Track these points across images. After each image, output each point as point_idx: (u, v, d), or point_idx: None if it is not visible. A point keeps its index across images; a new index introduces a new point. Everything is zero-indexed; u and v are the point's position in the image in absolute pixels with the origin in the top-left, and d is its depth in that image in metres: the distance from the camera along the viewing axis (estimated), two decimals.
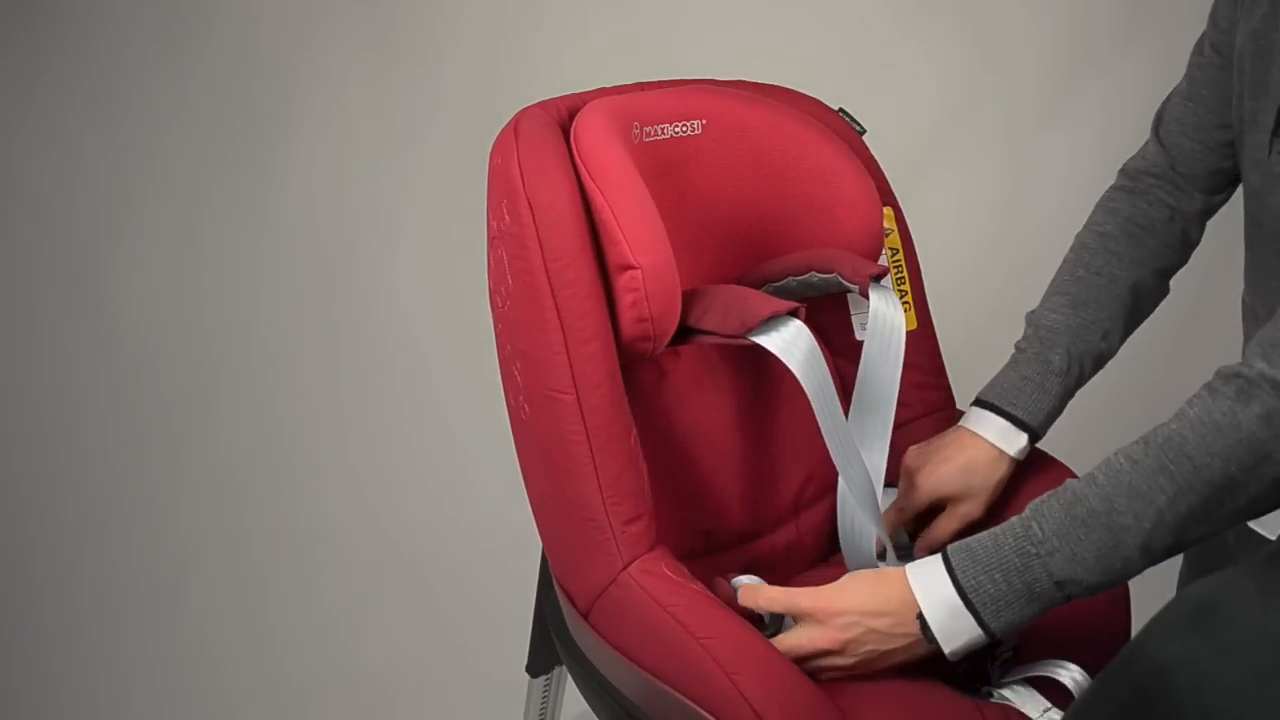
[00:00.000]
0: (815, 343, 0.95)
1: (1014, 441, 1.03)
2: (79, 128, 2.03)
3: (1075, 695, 0.95)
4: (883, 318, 0.99)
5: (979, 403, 1.07)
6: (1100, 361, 1.07)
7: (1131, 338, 1.67)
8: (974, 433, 1.05)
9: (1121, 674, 0.65)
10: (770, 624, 0.95)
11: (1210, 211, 1.08)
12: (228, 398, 2.08)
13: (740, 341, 0.96)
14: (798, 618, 0.91)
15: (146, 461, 2.03)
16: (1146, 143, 1.11)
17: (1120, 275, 1.06)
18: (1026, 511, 0.83)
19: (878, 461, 1.00)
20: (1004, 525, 0.83)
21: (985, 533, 0.84)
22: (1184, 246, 1.08)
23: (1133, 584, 1.09)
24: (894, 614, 0.85)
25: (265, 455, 2.05)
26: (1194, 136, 1.05)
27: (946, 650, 0.85)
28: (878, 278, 0.99)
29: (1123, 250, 1.06)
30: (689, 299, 1.00)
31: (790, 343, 0.94)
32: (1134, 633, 0.99)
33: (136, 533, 1.96)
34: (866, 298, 0.99)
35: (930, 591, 0.84)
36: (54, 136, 2.03)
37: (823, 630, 0.88)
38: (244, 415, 2.07)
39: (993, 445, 1.04)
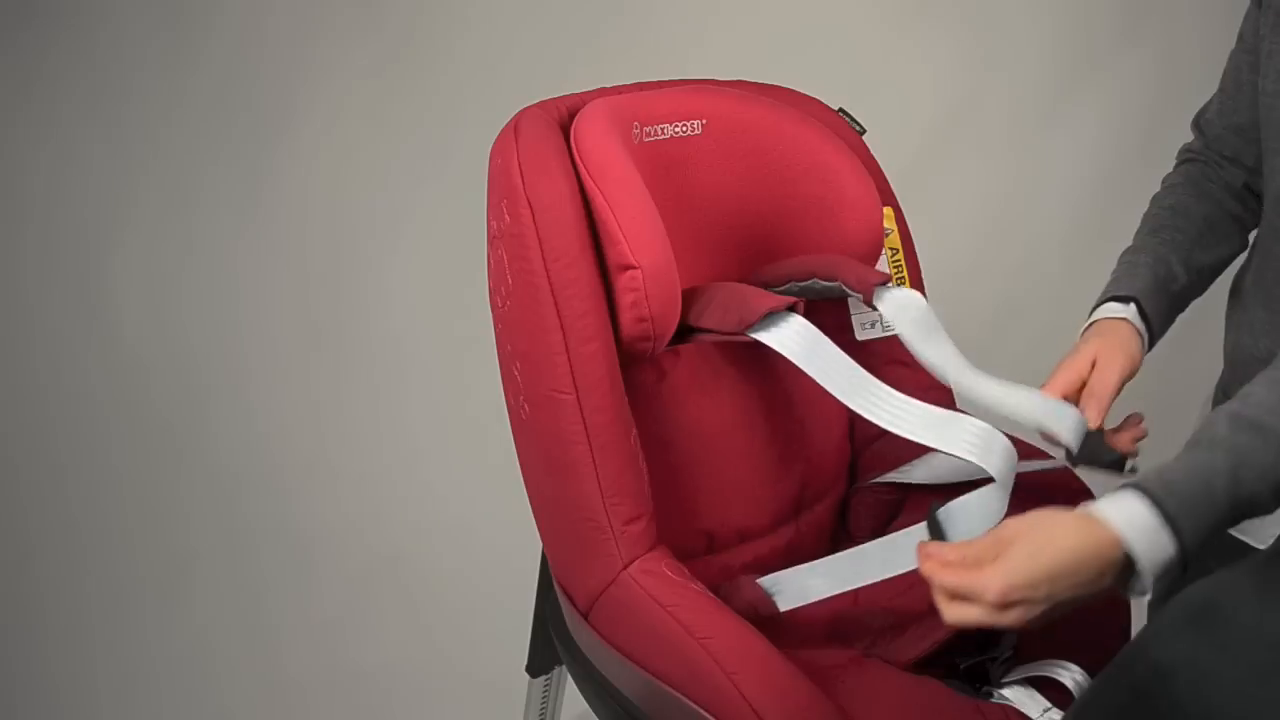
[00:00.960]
0: (817, 331, 0.94)
1: (1121, 310, 1.03)
2: (77, 127, 2.03)
3: (1075, 695, 0.95)
4: (903, 306, 0.99)
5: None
6: (1192, 269, 1.06)
7: None
8: (1102, 319, 1.04)
9: (1121, 674, 0.65)
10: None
11: (1253, 187, 1.10)
12: (227, 398, 2.08)
13: (740, 338, 0.96)
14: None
15: (147, 462, 2.03)
16: (1192, 130, 1.15)
17: (1191, 207, 1.09)
18: (1230, 456, 0.76)
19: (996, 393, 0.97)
20: (1203, 465, 0.76)
21: (1185, 470, 0.76)
22: (1242, 205, 1.10)
23: None
24: (1096, 576, 0.75)
25: (265, 455, 2.05)
26: (1219, 122, 1.09)
27: (1147, 587, 0.76)
28: (882, 284, 1.00)
29: (1188, 192, 1.10)
30: (688, 297, 1.00)
31: (790, 337, 0.94)
32: (1134, 633, 1.00)
33: (137, 534, 1.96)
34: (873, 307, 0.99)
35: (1145, 542, 0.74)
36: (52, 136, 2.04)
37: (1014, 610, 0.76)
38: (244, 416, 2.07)
39: (1118, 319, 1.03)
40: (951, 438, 0.90)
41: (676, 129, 1.04)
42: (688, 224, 1.07)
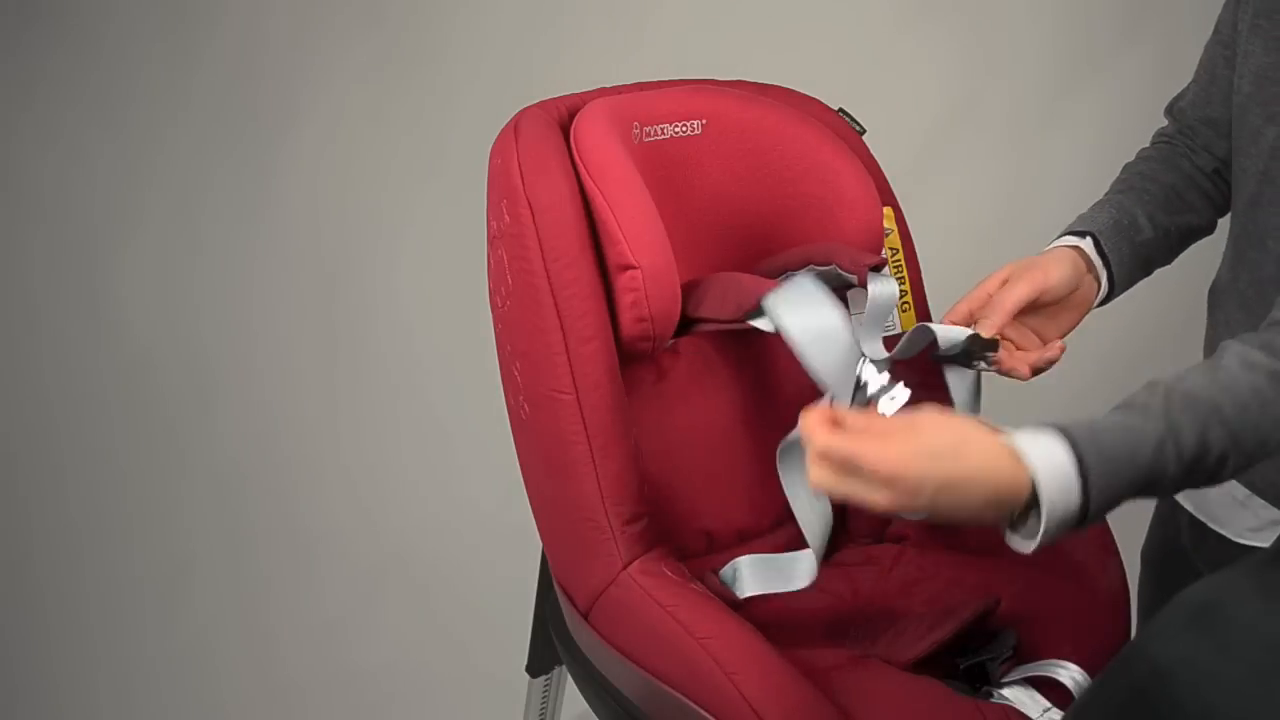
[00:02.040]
0: (817, 287, 0.93)
1: (1075, 242, 1.04)
2: (80, 128, 2.04)
3: (1075, 695, 0.95)
4: (878, 297, 0.99)
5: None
6: (1158, 226, 1.06)
7: (1134, 331, 1.66)
8: (1055, 246, 1.05)
9: (1121, 674, 0.65)
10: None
11: (1224, 174, 1.11)
12: (229, 399, 2.08)
13: (738, 325, 0.95)
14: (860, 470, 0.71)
15: (148, 461, 2.03)
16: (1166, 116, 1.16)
17: (1160, 175, 1.10)
18: (1161, 423, 0.73)
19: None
20: (1136, 433, 0.73)
21: (1118, 431, 0.73)
22: (1212, 184, 1.11)
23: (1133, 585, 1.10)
24: (985, 504, 0.72)
25: (266, 456, 2.05)
26: (1192, 113, 1.10)
27: (1039, 538, 0.72)
28: (876, 268, 0.99)
29: (1160, 163, 1.11)
30: (685, 290, 1.00)
31: (791, 301, 0.93)
32: (1134, 633, 1.00)
33: (138, 533, 1.96)
34: (865, 287, 0.99)
35: (1056, 503, 0.71)
36: (55, 137, 2.04)
37: (889, 494, 0.71)
38: (245, 416, 2.08)
39: (1055, 246, 1.05)
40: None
41: (676, 129, 1.04)
42: (688, 224, 1.07)
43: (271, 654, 1.80)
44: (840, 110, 1.17)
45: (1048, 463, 0.71)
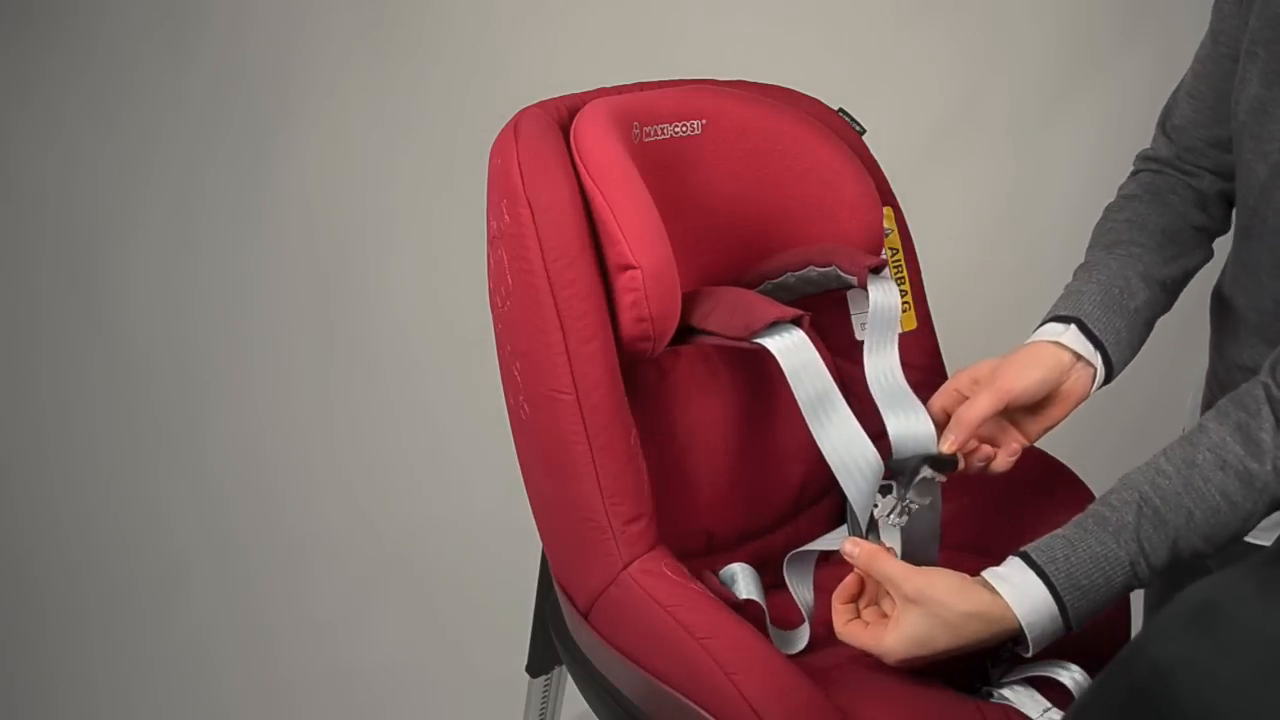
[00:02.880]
0: (815, 352, 0.95)
1: (1058, 332, 0.98)
2: (76, 127, 2.04)
3: (1075, 695, 0.95)
4: (880, 306, 0.98)
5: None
6: (1153, 282, 1.02)
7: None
8: (1034, 341, 1.01)
9: (1121, 674, 0.65)
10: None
11: (1231, 196, 1.06)
12: (224, 400, 2.08)
13: (743, 345, 0.96)
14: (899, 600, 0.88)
15: (143, 463, 2.03)
16: (1155, 135, 1.11)
17: (1150, 220, 1.05)
18: (1133, 545, 0.83)
19: (922, 428, 0.97)
20: (1109, 558, 0.83)
21: (1089, 562, 0.83)
22: (1208, 216, 1.07)
23: None
24: (981, 638, 0.85)
25: (263, 456, 2.05)
26: (1195, 133, 1.05)
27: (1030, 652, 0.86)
28: (876, 270, 0.99)
29: (1148, 204, 1.06)
30: (692, 299, 1.00)
31: (790, 348, 0.94)
32: (1134, 633, 1.00)
33: (134, 534, 1.96)
34: (865, 289, 0.99)
35: (1036, 618, 0.84)
36: (51, 136, 2.04)
37: (930, 624, 0.86)
38: (241, 416, 2.07)
39: (1038, 341, 1.00)
40: (849, 480, 0.94)
41: (676, 129, 1.04)
42: (688, 224, 1.07)
43: (269, 654, 1.80)
44: (840, 110, 1.17)
45: (1029, 605, 0.83)
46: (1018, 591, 0.83)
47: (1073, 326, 0.97)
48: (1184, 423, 1.19)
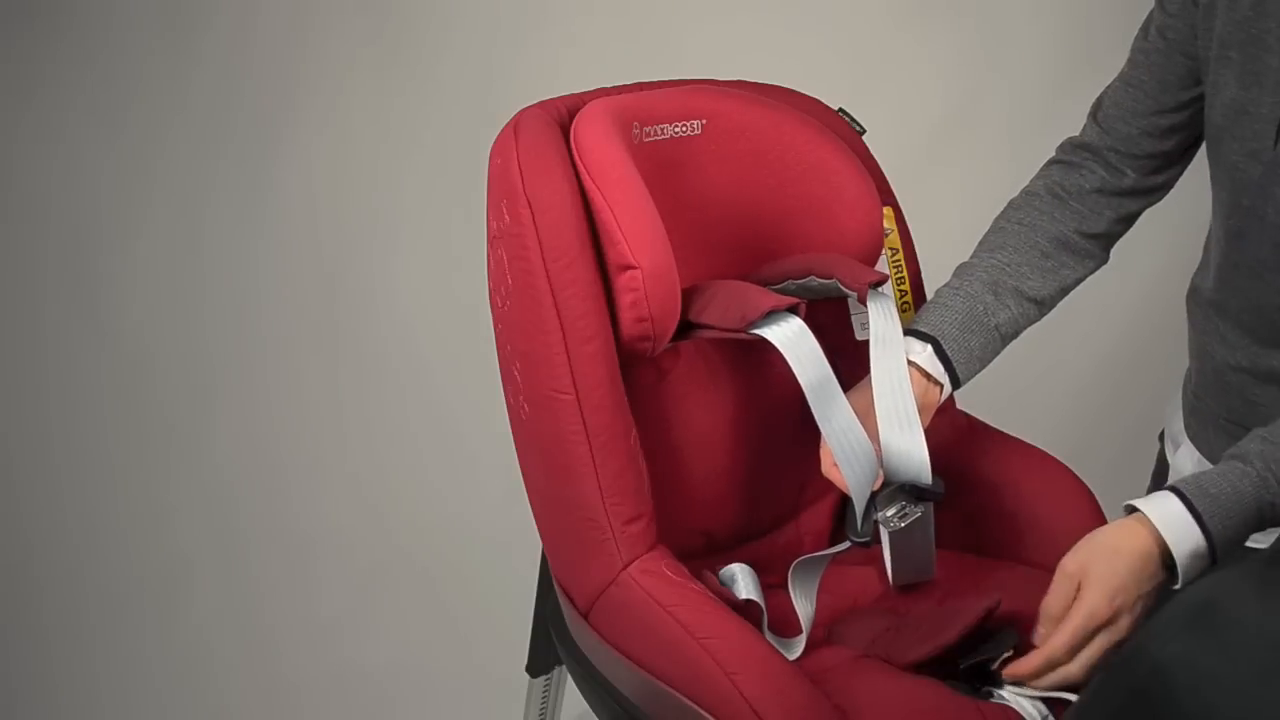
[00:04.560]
0: (814, 340, 0.95)
1: (916, 351, 1.02)
2: (79, 128, 2.04)
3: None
4: (882, 336, 0.99)
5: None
6: (1023, 298, 1.06)
7: (1128, 336, 1.66)
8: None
9: (1121, 674, 0.65)
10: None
11: (1147, 191, 1.08)
12: (228, 399, 2.08)
13: (740, 335, 0.95)
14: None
15: (147, 462, 2.03)
16: (1086, 124, 1.12)
17: (1040, 225, 1.08)
18: (1258, 463, 0.85)
19: (918, 454, 0.98)
20: (1235, 471, 0.85)
21: (1222, 477, 0.85)
22: (1115, 219, 1.08)
23: None
24: (1157, 568, 0.85)
25: (266, 456, 2.05)
26: (1131, 121, 1.06)
27: (1181, 577, 0.86)
28: (876, 284, 0.99)
29: (1045, 206, 1.09)
30: (689, 295, 1.00)
31: (790, 337, 0.94)
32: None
33: (137, 533, 1.96)
34: (864, 305, 0.99)
35: (1182, 543, 0.84)
36: (54, 137, 2.04)
37: (1114, 629, 0.87)
38: (244, 416, 2.08)
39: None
40: (849, 466, 0.94)
41: (676, 129, 1.04)
42: (687, 224, 1.07)
43: (271, 654, 1.80)
44: (840, 110, 1.17)
45: (1165, 517, 0.84)
46: (1152, 506, 0.85)
47: (929, 347, 1.02)
48: (1166, 428, 1.18)
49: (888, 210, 1.16)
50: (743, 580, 1.03)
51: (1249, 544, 1.04)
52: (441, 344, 2.06)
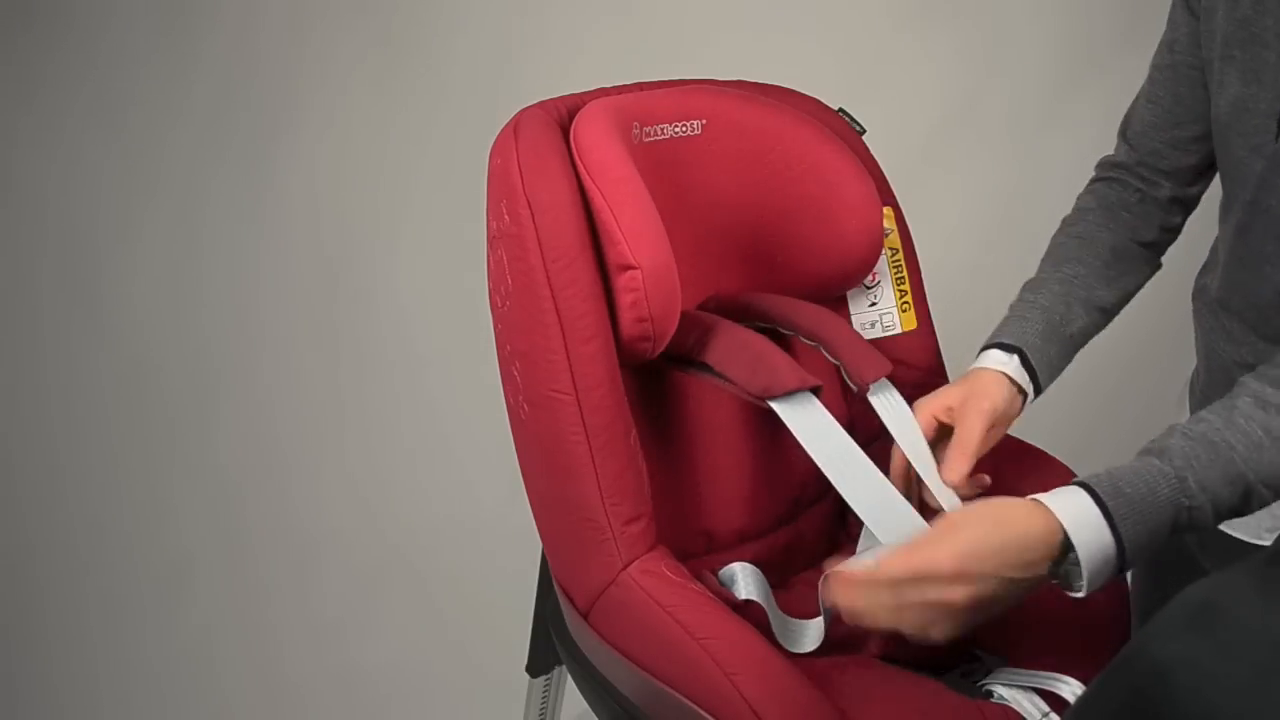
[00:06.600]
0: (830, 418, 0.95)
1: (1003, 362, 1.03)
2: (80, 130, 2.04)
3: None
4: (895, 425, 1.00)
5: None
6: (1093, 308, 1.07)
7: (1128, 337, 1.65)
8: (976, 368, 1.05)
9: (1121, 674, 0.65)
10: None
11: (1185, 201, 1.10)
12: (229, 399, 2.08)
13: (757, 402, 0.96)
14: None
15: (148, 462, 2.03)
16: (1117, 143, 1.15)
17: (1099, 236, 1.09)
18: (1178, 460, 0.80)
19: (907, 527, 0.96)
20: (1152, 470, 0.79)
21: (1132, 473, 0.80)
22: (1162, 228, 1.11)
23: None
24: (1039, 559, 0.79)
25: (267, 456, 2.05)
26: (1155, 136, 1.08)
27: (1085, 592, 0.79)
28: (879, 380, 1.01)
29: (1099, 219, 1.11)
30: (711, 331, 1.00)
31: (805, 420, 0.95)
32: (1134, 633, 1.00)
33: (138, 533, 1.96)
34: (866, 400, 1.01)
35: (1085, 535, 0.78)
36: (55, 139, 2.04)
37: (962, 586, 0.78)
38: (245, 417, 2.08)
39: (989, 369, 1.04)
40: (885, 527, 0.92)
41: (676, 129, 1.04)
42: (687, 224, 1.07)
43: (272, 654, 1.80)
44: (840, 110, 1.17)
45: (1074, 513, 0.78)
46: (1060, 500, 0.79)
47: (1015, 358, 1.02)
48: (1169, 419, 1.18)
49: (888, 210, 1.16)
50: (743, 580, 1.03)
51: (1251, 541, 1.04)
52: (442, 344, 2.06)
